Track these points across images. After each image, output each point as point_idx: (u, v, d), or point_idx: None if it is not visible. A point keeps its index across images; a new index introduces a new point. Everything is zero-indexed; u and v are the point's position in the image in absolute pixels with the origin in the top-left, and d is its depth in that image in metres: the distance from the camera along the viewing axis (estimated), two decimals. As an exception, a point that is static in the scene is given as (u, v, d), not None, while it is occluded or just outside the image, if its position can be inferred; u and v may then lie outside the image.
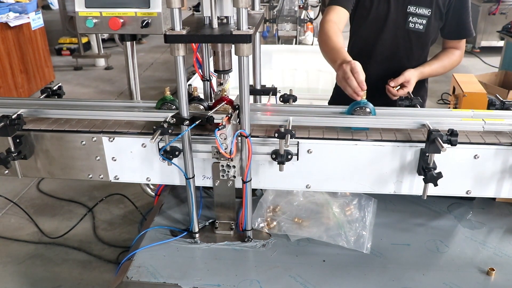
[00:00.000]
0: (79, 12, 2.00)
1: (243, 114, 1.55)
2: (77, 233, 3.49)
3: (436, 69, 2.27)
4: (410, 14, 2.17)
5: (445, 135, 1.57)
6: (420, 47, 2.25)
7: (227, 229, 1.82)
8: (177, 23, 1.46)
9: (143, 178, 1.85)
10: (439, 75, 2.40)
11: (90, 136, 1.79)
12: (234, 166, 1.55)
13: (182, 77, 1.54)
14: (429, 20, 2.16)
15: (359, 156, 1.69)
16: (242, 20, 1.42)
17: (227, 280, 1.59)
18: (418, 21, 2.17)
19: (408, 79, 2.10)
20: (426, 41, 2.24)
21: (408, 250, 1.74)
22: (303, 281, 1.58)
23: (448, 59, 2.27)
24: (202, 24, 1.60)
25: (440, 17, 2.18)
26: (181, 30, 1.46)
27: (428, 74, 2.24)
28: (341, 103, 2.19)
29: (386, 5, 2.21)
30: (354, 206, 1.90)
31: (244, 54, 1.45)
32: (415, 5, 2.15)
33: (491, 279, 1.60)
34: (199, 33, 1.50)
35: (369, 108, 1.75)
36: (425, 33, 2.20)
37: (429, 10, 2.14)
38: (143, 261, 1.70)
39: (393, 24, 2.22)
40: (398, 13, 2.20)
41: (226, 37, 1.50)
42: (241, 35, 1.43)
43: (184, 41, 1.47)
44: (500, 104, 1.90)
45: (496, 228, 1.86)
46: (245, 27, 1.43)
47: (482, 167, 1.69)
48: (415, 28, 2.18)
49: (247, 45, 1.44)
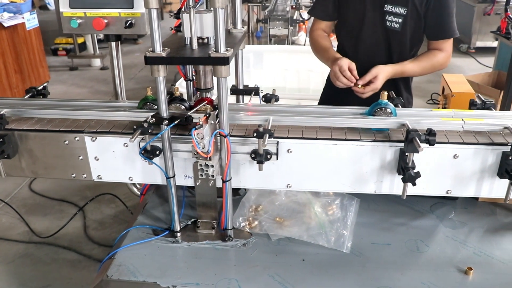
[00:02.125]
0: (64, 13, 2.01)
1: (222, 114, 1.56)
2: (67, 233, 3.50)
3: (411, 69, 2.23)
4: (387, 12, 2.18)
5: (423, 135, 1.58)
6: (399, 46, 2.25)
7: (208, 228, 1.83)
8: (157, 44, 1.49)
9: (125, 178, 1.86)
10: (418, 76, 2.38)
11: (73, 135, 1.80)
12: (213, 165, 1.56)
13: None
14: (405, 19, 2.16)
15: (339, 156, 1.70)
16: (220, 42, 1.44)
17: (206, 279, 1.60)
18: (394, 20, 2.17)
19: (375, 75, 2.08)
20: (403, 40, 2.23)
21: (388, 250, 1.74)
22: (281, 280, 1.58)
23: (428, 60, 2.25)
24: (183, 45, 1.63)
25: (418, 16, 2.17)
26: (161, 52, 1.49)
27: (401, 72, 2.21)
28: (331, 101, 2.34)
29: (362, 5, 2.23)
30: (336, 205, 1.91)
31: (222, 75, 1.48)
32: (391, 4, 2.16)
33: (469, 278, 1.61)
34: (178, 55, 1.53)
35: (389, 109, 1.75)
36: (402, 32, 2.20)
37: (405, 9, 2.15)
38: (123, 260, 1.71)
39: (372, 23, 2.24)
40: (376, 12, 2.21)
41: (204, 60, 1.53)
42: (219, 58, 1.45)
43: (164, 63, 1.50)
44: (481, 104, 1.91)
45: (477, 228, 1.87)
46: (223, 49, 1.45)
47: (461, 167, 1.70)
48: (392, 26, 2.19)
49: (225, 67, 1.46)
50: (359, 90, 2.09)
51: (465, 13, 8.26)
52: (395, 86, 2.32)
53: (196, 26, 1.59)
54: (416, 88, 6.47)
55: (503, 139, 1.69)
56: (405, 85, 2.39)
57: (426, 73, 2.34)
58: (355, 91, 2.11)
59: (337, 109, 1.82)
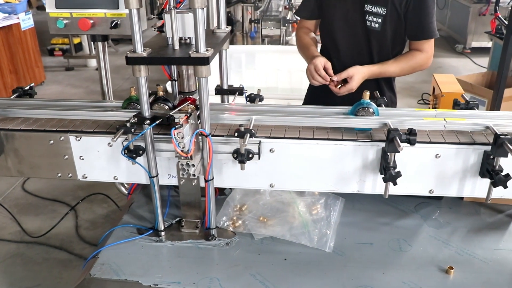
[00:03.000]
0: (50, 13, 2.02)
1: (203, 114, 1.56)
2: (59, 232, 3.50)
3: (389, 70, 2.24)
4: (367, 12, 2.20)
5: (404, 134, 1.58)
6: (379, 46, 2.26)
7: (192, 227, 1.84)
8: (138, 45, 1.50)
9: (110, 177, 1.87)
10: (398, 76, 2.38)
11: (57, 135, 1.81)
12: (194, 164, 1.56)
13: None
14: (384, 19, 2.17)
15: (321, 155, 1.71)
16: (200, 42, 1.45)
17: (187, 278, 1.61)
18: (374, 20, 2.19)
19: (351, 75, 2.09)
20: (384, 40, 2.24)
21: (370, 249, 1.75)
22: (262, 279, 1.59)
23: (407, 60, 2.26)
24: (165, 45, 1.64)
25: (398, 17, 2.18)
26: (142, 52, 1.49)
27: (378, 73, 2.21)
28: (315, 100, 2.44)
29: (343, 5, 2.25)
30: (320, 205, 1.92)
31: (202, 75, 1.49)
32: (371, 4, 2.18)
33: (449, 278, 1.61)
34: (159, 55, 1.54)
35: (372, 109, 1.76)
36: (382, 32, 2.21)
37: (384, 9, 2.16)
38: (107, 258, 1.72)
39: (352, 22, 2.26)
40: (356, 11, 2.23)
41: (184, 60, 1.54)
42: (199, 58, 1.46)
43: (144, 63, 1.51)
44: (464, 104, 1.91)
45: (461, 227, 1.88)
46: (203, 49, 1.46)
47: (443, 167, 1.71)
48: (372, 26, 2.21)
49: (205, 67, 1.47)
50: (334, 89, 2.11)
51: (461, 13, 8.28)
52: (378, 85, 2.33)
53: (178, 27, 1.60)
54: (410, 89, 6.50)
55: (485, 139, 1.70)
56: (388, 84, 2.40)
57: (405, 74, 2.34)
58: (332, 89, 2.13)
59: (320, 109, 1.83)
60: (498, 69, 3.50)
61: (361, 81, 2.13)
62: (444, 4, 9.12)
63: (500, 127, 1.68)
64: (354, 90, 2.11)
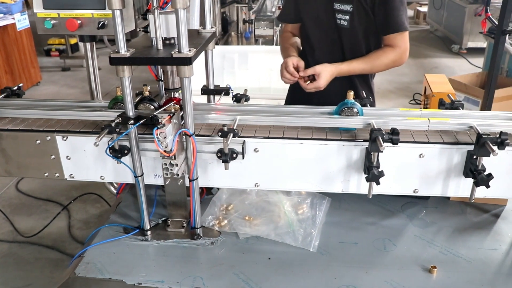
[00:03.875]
0: (38, 13, 2.01)
1: (186, 114, 1.57)
2: (51, 232, 3.51)
3: (358, 67, 2.23)
4: (336, 10, 2.22)
5: (386, 134, 1.59)
6: (350, 43, 2.27)
7: (178, 227, 1.84)
8: (122, 45, 1.51)
9: (97, 177, 1.88)
10: (369, 73, 2.38)
11: (44, 135, 1.82)
12: (177, 164, 1.57)
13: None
14: (352, 15, 2.19)
15: (305, 155, 1.71)
16: (182, 42, 1.46)
17: (171, 277, 1.61)
18: (343, 17, 2.21)
19: (318, 73, 2.10)
20: (354, 36, 2.25)
21: (354, 249, 1.76)
22: (245, 278, 1.60)
23: (377, 57, 2.24)
24: (149, 45, 1.64)
25: (366, 13, 2.18)
26: (125, 52, 1.50)
27: (347, 71, 2.21)
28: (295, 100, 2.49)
29: (315, 6, 2.28)
30: (306, 205, 1.92)
31: (185, 75, 1.50)
32: (339, 2, 2.20)
33: (432, 277, 1.62)
34: (142, 56, 1.55)
35: (356, 108, 1.76)
36: (351, 29, 2.22)
37: (351, 5, 2.17)
38: (92, 257, 1.73)
39: (325, 22, 2.28)
40: (327, 11, 2.25)
41: (167, 60, 1.55)
42: (181, 58, 1.47)
43: (128, 63, 1.52)
44: (450, 103, 1.92)
45: (446, 227, 1.88)
46: (186, 49, 1.47)
47: (427, 166, 1.72)
48: (341, 24, 2.23)
49: (187, 67, 1.48)
50: (303, 85, 2.15)
51: (457, 13, 8.29)
52: (351, 83, 2.32)
53: (162, 27, 1.61)
54: (406, 89, 6.51)
55: (468, 139, 1.71)
56: (363, 82, 2.39)
57: (378, 70, 2.34)
58: (301, 85, 2.16)
59: (305, 109, 1.83)
60: (488, 69, 3.51)
61: (329, 79, 2.14)
62: (441, 5, 9.14)
63: (483, 127, 1.68)
64: (322, 88, 2.12)
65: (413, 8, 12.04)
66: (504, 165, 1.68)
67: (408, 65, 7.72)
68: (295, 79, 2.15)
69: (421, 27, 10.69)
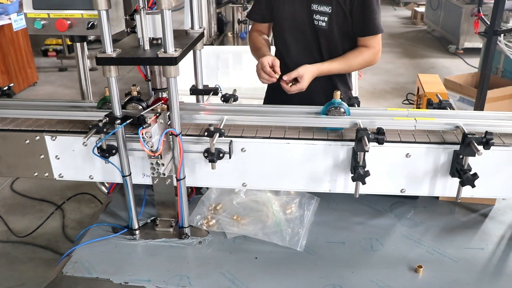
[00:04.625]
0: (27, 14, 2.03)
1: (173, 113, 1.58)
2: (45, 232, 3.52)
3: (337, 67, 2.27)
4: (314, 11, 2.23)
5: (372, 134, 1.60)
6: (328, 44, 2.29)
7: (167, 226, 1.85)
8: (108, 45, 1.51)
9: (86, 176, 1.88)
10: (346, 72, 2.41)
11: (33, 135, 1.83)
12: (163, 164, 1.58)
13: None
14: (330, 17, 2.20)
15: (292, 155, 1.72)
16: (168, 42, 1.47)
17: (158, 276, 1.62)
18: (321, 18, 2.22)
19: (301, 75, 2.11)
20: (332, 37, 2.26)
21: (342, 248, 1.76)
22: (231, 277, 1.60)
23: (354, 57, 2.28)
24: (137, 45, 1.65)
25: (344, 14, 2.20)
26: (111, 52, 1.51)
27: (327, 71, 2.24)
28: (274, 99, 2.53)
29: (291, 6, 2.28)
30: (295, 204, 1.93)
31: (171, 75, 1.51)
32: (317, 3, 2.21)
33: (418, 276, 1.63)
34: (128, 56, 1.56)
35: (343, 108, 1.77)
36: (329, 30, 2.24)
37: (330, 7, 2.19)
38: (80, 257, 1.73)
39: (301, 23, 2.28)
40: (304, 11, 2.25)
41: (152, 60, 1.55)
42: (167, 58, 1.48)
43: (114, 63, 1.52)
44: (437, 103, 1.93)
45: (434, 227, 1.89)
46: (171, 49, 1.47)
47: (414, 166, 1.72)
48: (319, 25, 2.24)
49: (173, 67, 1.49)
50: (286, 87, 2.14)
51: (453, 14, 8.30)
52: (331, 82, 2.37)
53: (148, 27, 1.62)
54: (401, 89, 6.52)
55: (455, 139, 1.71)
56: (342, 80, 2.43)
57: (354, 70, 2.42)
58: (283, 87, 2.15)
59: (292, 109, 1.84)
60: (481, 70, 3.52)
61: (311, 80, 2.16)
62: (438, 5, 9.15)
63: (470, 126, 1.69)
64: (304, 89, 2.14)
65: (411, 8, 12.06)
66: (491, 164, 1.69)
67: (404, 65, 7.73)
68: (273, 79, 2.15)
69: (419, 28, 10.70)
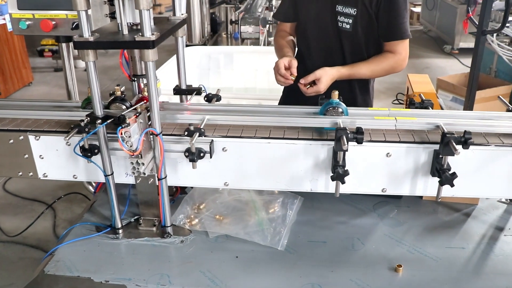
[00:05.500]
0: (12, 14, 2.04)
1: (153, 113, 1.59)
2: (36, 232, 3.52)
3: (359, 72, 2.22)
4: (338, 13, 2.20)
5: (351, 133, 1.61)
6: (352, 47, 2.25)
7: (150, 225, 1.86)
8: (85, 29, 1.51)
9: (70, 176, 1.89)
10: (369, 78, 2.36)
11: (17, 134, 1.83)
12: (143, 163, 1.59)
13: (94, 80, 1.60)
14: (355, 19, 2.17)
15: (273, 154, 1.73)
16: (145, 25, 1.47)
17: (139, 274, 1.63)
18: (345, 20, 2.19)
19: (318, 77, 2.08)
20: (356, 40, 2.23)
21: (323, 247, 1.77)
22: (211, 276, 1.61)
23: (378, 62, 2.23)
24: (116, 31, 1.65)
25: (369, 17, 2.17)
26: (89, 36, 1.51)
27: (348, 75, 2.19)
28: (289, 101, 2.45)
29: (315, 6, 2.25)
30: (278, 204, 1.94)
31: (148, 59, 1.51)
32: (343, 4, 2.18)
33: (398, 275, 1.64)
34: (105, 40, 1.55)
35: (341, 108, 1.76)
36: (353, 33, 2.21)
37: (355, 9, 2.16)
38: (63, 256, 1.75)
39: (324, 24, 2.25)
40: (328, 12, 2.22)
41: (129, 43, 1.56)
42: (143, 41, 1.48)
43: (91, 47, 1.52)
44: (419, 103, 1.94)
45: (416, 226, 1.90)
46: (148, 33, 1.48)
47: (395, 165, 1.73)
48: (343, 27, 2.20)
49: (151, 50, 1.49)
50: (303, 89, 2.11)
51: (449, 14, 8.31)
52: (350, 87, 2.31)
53: (128, 12, 1.62)
54: (395, 89, 6.52)
55: (436, 138, 1.72)
56: (363, 87, 2.38)
57: (378, 76, 2.33)
58: (301, 89, 2.12)
59: (279, 109, 1.85)
60: (470, 70, 3.53)
61: (330, 83, 2.11)
62: (433, 5, 9.16)
63: (451, 126, 1.69)
64: (322, 92, 2.08)
65: (408, 8, 12.05)
66: (472, 164, 1.70)
67: (399, 65, 7.73)
68: (289, 81, 2.12)
69: (415, 28, 10.71)
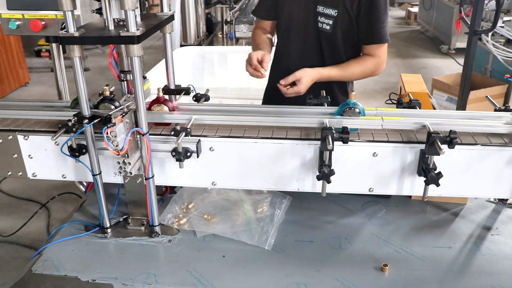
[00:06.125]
0: (2, 14, 2.04)
1: (139, 113, 1.59)
2: (30, 231, 3.53)
3: (338, 74, 2.23)
4: (319, 13, 2.20)
5: (337, 133, 1.61)
6: (330, 48, 2.25)
7: (138, 225, 1.87)
8: (71, 25, 1.52)
9: (59, 175, 1.90)
10: (348, 80, 2.37)
11: (6, 134, 1.83)
12: (130, 163, 1.59)
13: (80, 77, 1.60)
14: (335, 21, 2.17)
15: (260, 154, 1.73)
16: (130, 21, 1.47)
17: (125, 273, 1.64)
18: (325, 21, 2.19)
19: (298, 78, 2.08)
20: (335, 42, 2.23)
21: (310, 247, 1.78)
22: (197, 275, 1.62)
23: (357, 65, 2.24)
24: (103, 26, 1.65)
25: (350, 19, 2.17)
26: (74, 32, 1.52)
27: (328, 76, 2.20)
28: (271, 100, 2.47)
29: (296, 5, 2.25)
30: (266, 203, 1.95)
31: (134, 54, 1.51)
32: (323, 5, 2.18)
33: (384, 275, 1.64)
34: (90, 35, 1.55)
35: (358, 109, 1.76)
36: (333, 34, 2.21)
37: (336, 11, 2.16)
38: (50, 255, 1.75)
39: (304, 23, 2.25)
40: (308, 12, 2.22)
41: (114, 39, 1.56)
42: (128, 37, 1.48)
43: (76, 42, 1.53)
44: (407, 103, 1.95)
45: (404, 226, 1.90)
46: (133, 28, 1.48)
47: (382, 165, 1.73)
48: (323, 28, 2.20)
49: (136, 46, 1.49)
50: (283, 89, 2.11)
51: (445, 14, 8.32)
52: (330, 88, 2.30)
53: (113, 8, 1.63)
54: (391, 89, 6.52)
55: (423, 138, 1.72)
56: (341, 88, 2.39)
57: (356, 79, 2.34)
58: (280, 89, 2.12)
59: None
60: (462, 69, 3.54)
61: (310, 84, 2.12)
62: (430, 5, 9.17)
63: (437, 125, 1.70)
64: (303, 93, 2.09)
65: (405, 8, 12.09)
66: (459, 164, 1.70)
67: (396, 65, 7.75)
68: (259, 74, 2.12)
69: (412, 28, 10.73)
